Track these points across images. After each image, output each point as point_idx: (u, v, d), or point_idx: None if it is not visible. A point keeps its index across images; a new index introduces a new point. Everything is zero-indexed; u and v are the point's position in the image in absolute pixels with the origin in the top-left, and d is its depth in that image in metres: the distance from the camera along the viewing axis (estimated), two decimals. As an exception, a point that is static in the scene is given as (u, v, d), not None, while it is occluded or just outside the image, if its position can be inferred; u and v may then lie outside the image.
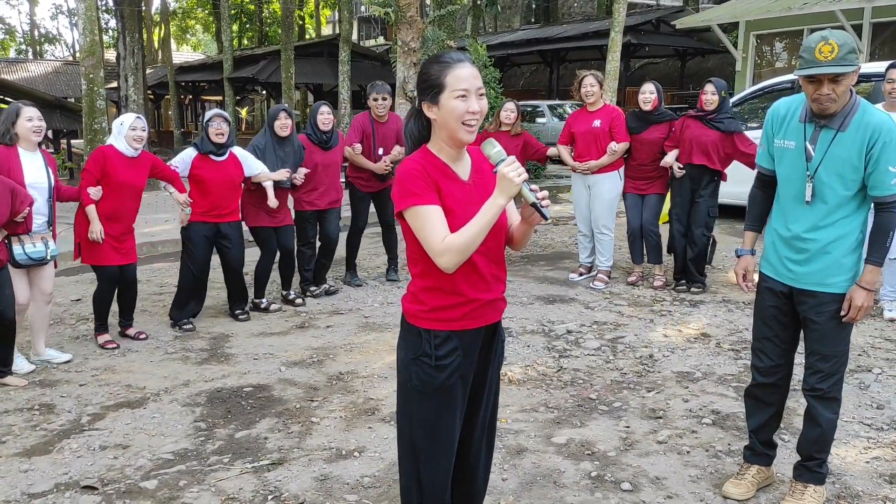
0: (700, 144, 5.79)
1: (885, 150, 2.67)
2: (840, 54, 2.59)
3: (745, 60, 16.23)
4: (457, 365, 2.20)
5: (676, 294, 6.02)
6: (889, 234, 2.76)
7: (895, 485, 3.09)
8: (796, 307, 2.90)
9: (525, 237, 2.30)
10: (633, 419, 3.80)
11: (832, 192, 2.76)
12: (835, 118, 2.74)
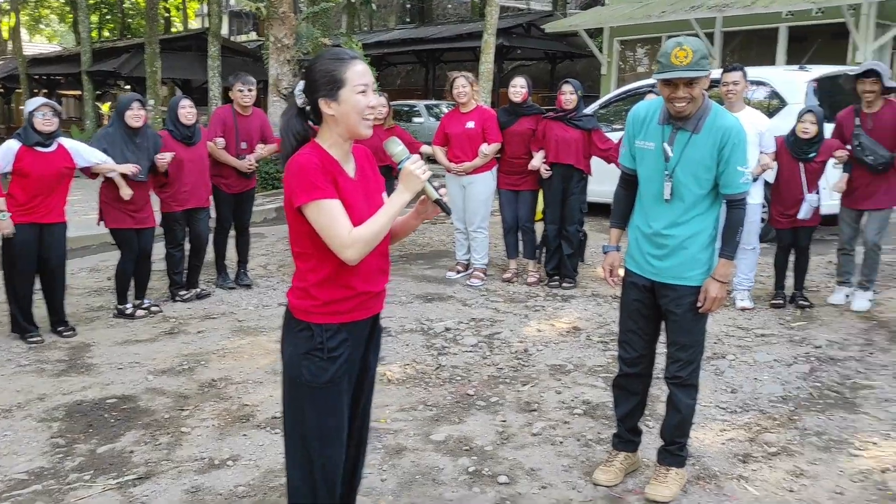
0: (564, 144, 5.99)
1: (735, 151, 2.86)
2: (694, 59, 2.75)
3: (609, 65, 16.99)
4: (347, 356, 2.25)
5: (549, 290, 6.20)
6: (739, 229, 2.96)
7: (748, 463, 3.31)
8: (658, 300, 3.05)
9: (408, 232, 2.42)
10: (509, 413, 3.88)
11: (688, 190, 2.92)
12: (689, 121, 2.90)
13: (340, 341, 2.23)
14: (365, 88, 2.12)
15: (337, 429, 2.28)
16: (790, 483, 3.13)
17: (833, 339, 4.84)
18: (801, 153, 5.39)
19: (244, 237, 6.41)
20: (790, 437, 3.54)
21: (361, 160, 2.31)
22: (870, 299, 5.43)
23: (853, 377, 4.24)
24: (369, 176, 2.30)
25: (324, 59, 2.17)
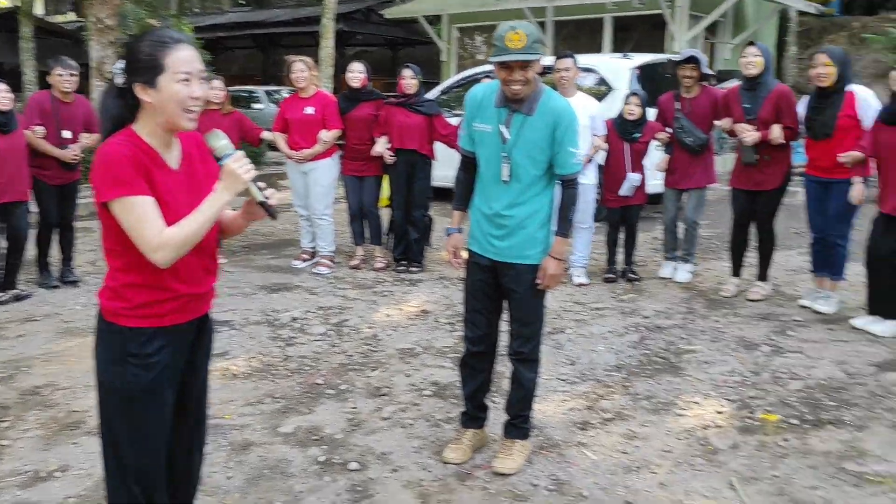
0: (407, 130, 6.03)
1: (567, 133, 2.98)
2: (528, 43, 2.83)
3: (449, 51, 17.24)
4: (166, 363, 2.09)
5: (397, 275, 6.23)
6: (572, 208, 3.09)
7: (587, 430, 3.49)
8: (499, 279, 3.14)
9: (238, 230, 2.28)
10: (359, 399, 3.86)
11: (525, 171, 3.02)
12: (524, 103, 2.99)
13: (158, 347, 2.06)
14: (188, 77, 1.96)
15: (153, 437, 2.13)
16: (624, 446, 3.33)
17: (659, 310, 5.20)
18: (627, 134, 5.73)
19: (69, 232, 5.95)
20: (623, 402, 3.77)
21: (189, 147, 2.14)
22: (690, 271, 5.86)
23: (677, 343, 4.57)
24: (197, 166, 2.13)
25: (145, 41, 1.99)
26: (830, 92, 4.82)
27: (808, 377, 4.00)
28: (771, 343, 4.51)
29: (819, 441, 3.32)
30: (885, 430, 3.39)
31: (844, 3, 18.87)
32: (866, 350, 4.35)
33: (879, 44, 14.50)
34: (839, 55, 4.85)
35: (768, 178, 5.20)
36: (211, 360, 2.35)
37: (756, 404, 3.70)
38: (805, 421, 3.51)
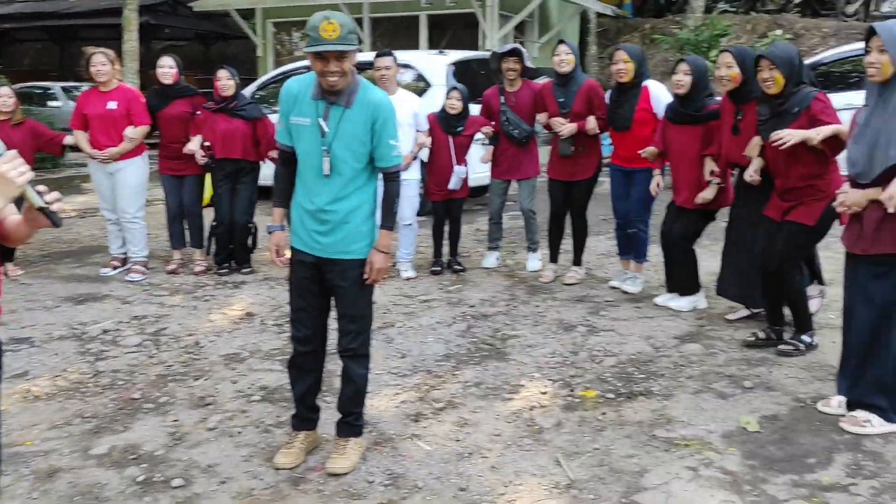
0: (230, 137, 5.79)
1: (386, 126, 2.96)
2: (342, 34, 2.78)
3: (265, 46, 16.77)
4: None
5: (219, 278, 5.95)
6: (395, 200, 3.08)
7: (420, 421, 3.52)
8: (325, 276, 3.08)
9: (26, 237, 2.09)
10: (181, 411, 3.65)
11: (346, 165, 2.97)
12: (342, 96, 2.94)
13: None
14: None
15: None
16: (456, 433, 3.39)
17: (484, 298, 5.35)
18: (451, 128, 5.84)
19: None
20: (454, 391, 3.84)
21: None
22: (539, 259, 6.05)
23: (502, 329, 4.73)
24: None
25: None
26: (629, 87, 5.17)
27: (621, 353, 4.28)
28: (587, 323, 4.78)
29: (632, 412, 3.55)
30: (688, 396, 3.69)
31: (636, 7, 20.37)
32: (669, 325, 4.72)
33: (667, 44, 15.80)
34: (636, 53, 5.21)
35: (582, 168, 5.50)
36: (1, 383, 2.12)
37: (576, 382, 3.90)
38: (619, 394, 3.75)
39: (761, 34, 15.77)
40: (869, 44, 3.13)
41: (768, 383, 3.80)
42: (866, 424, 3.28)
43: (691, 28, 15.73)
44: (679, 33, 15.79)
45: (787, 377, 3.85)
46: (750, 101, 4.29)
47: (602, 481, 2.96)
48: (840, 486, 2.86)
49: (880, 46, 3.07)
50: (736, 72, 4.31)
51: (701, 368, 4.02)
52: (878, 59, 3.08)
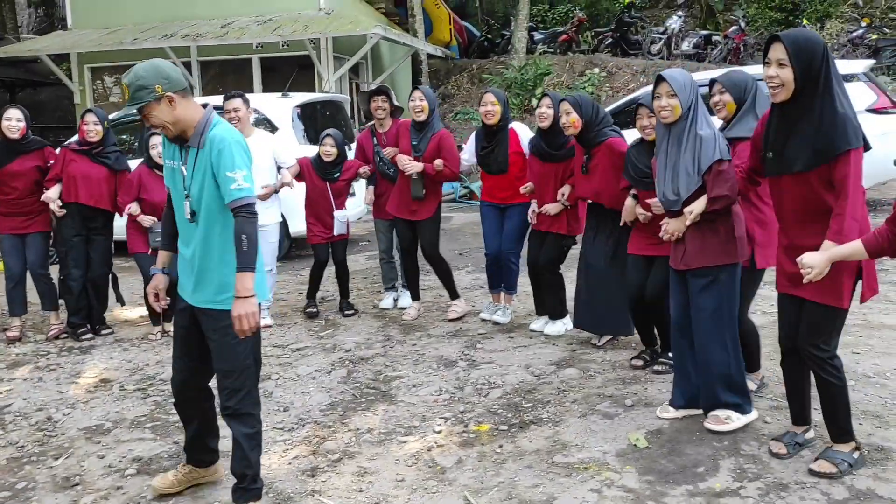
0: (93, 182, 5.40)
1: (221, 157, 2.81)
2: (131, 92, 2.81)
3: (83, 93, 15.76)
4: None
5: (63, 344, 5.45)
6: (242, 237, 2.77)
7: (317, 476, 3.37)
8: (200, 326, 2.98)
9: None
10: (44, 496, 3.28)
11: (204, 207, 2.88)
12: (193, 137, 2.89)
13: None
14: None
15: None
16: (358, 484, 3.28)
17: (358, 341, 5.26)
18: (328, 175, 5.75)
19: None
20: (347, 440, 3.72)
21: None
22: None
23: (383, 371, 4.66)
24: None
25: None
26: (496, 129, 5.30)
27: (504, 384, 4.34)
28: (466, 357, 4.82)
29: (528, 441, 3.61)
30: (577, 420, 3.80)
31: (462, 48, 21.19)
32: (544, 352, 4.86)
33: (496, 83, 16.55)
34: (501, 96, 5.35)
35: (426, 208, 5.55)
36: None
37: (468, 417, 3.91)
38: (511, 425, 3.79)
39: (580, 72, 16.94)
40: (657, 90, 3.45)
41: (646, 399, 4.00)
42: (728, 421, 3.55)
43: (517, 68, 16.62)
44: (506, 72, 16.64)
45: (662, 392, 4.07)
46: (598, 145, 4.55)
47: (514, 514, 2.97)
48: (731, 491, 3.04)
49: (670, 92, 3.39)
50: (575, 117, 4.56)
51: (582, 392, 4.17)
52: (669, 102, 3.41)
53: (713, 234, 3.46)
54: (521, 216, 5.31)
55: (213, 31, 14.00)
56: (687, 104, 3.40)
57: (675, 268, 3.62)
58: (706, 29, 18.90)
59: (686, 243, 3.53)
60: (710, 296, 3.50)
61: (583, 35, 19.52)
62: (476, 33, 21.80)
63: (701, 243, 3.48)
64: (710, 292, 3.50)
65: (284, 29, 13.66)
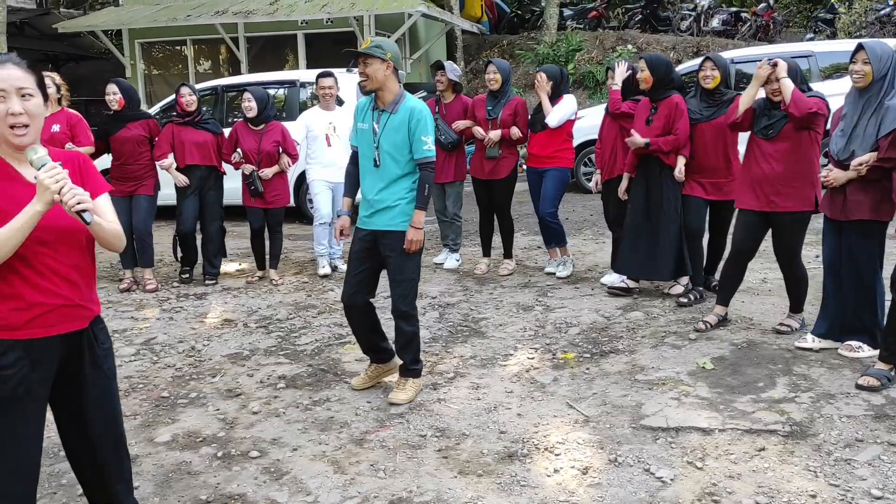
0: (200, 146, 6.12)
1: (419, 125, 3.69)
2: (370, 46, 3.62)
3: (134, 66, 16.42)
4: (22, 376, 2.11)
5: (178, 290, 6.17)
6: (425, 185, 3.75)
7: (438, 390, 4.05)
8: (378, 247, 3.81)
9: (101, 239, 2.22)
10: (217, 402, 3.98)
11: (389, 157, 3.73)
12: (389, 104, 3.70)
13: (13, 360, 2.09)
14: (3, 94, 2.05)
15: (13, 451, 2.15)
16: (475, 395, 3.96)
17: (441, 290, 5.94)
18: None
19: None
20: (455, 364, 4.40)
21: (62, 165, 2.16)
22: (457, 259, 6.70)
23: (470, 314, 5.34)
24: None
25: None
26: (549, 98, 5.98)
27: (580, 324, 5.01)
28: (540, 304, 5.49)
29: (610, 365, 4.28)
30: (649, 350, 4.47)
31: (492, 25, 21.66)
32: (610, 299, 5.52)
33: (528, 58, 17.06)
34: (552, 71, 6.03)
35: (500, 169, 6.22)
36: (109, 377, 2.34)
37: (553, 348, 4.58)
38: (593, 354, 4.47)
39: (610, 48, 17.39)
40: (855, 56, 3.99)
41: (707, 335, 4.65)
42: (859, 350, 4.16)
43: (549, 44, 17.10)
44: (538, 48, 17.11)
45: (719, 330, 4.72)
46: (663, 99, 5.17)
47: (610, 415, 3.65)
48: (788, 399, 3.71)
49: (865, 60, 3.95)
50: (647, 74, 5.18)
51: (650, 329, 4.83)
52: (863, 69, 3.96)
53: (874, 191, 3.94)
54: (555, 179, 6.03)
55: (263, 8, 14.58)
56: (880, 73, 3.93)
57: (834, 217, 4.16)
58: (732, 6, 19.28)
59: (847, 196, 4.03)
60: (863, 245, 4.04)
61: (612, 11, 19.94)
62: (506, 9, 22.22)
63: (862, 198, 3.97)
64: (864, 242, 4.04)
65: (331, 6, 14.23)
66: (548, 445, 3.36)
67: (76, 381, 2.26)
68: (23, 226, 2.02)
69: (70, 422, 2.32)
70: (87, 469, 2.38)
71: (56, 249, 2.13)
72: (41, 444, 2.26)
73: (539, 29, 19.40)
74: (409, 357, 3.93)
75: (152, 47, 16.92)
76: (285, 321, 5.34)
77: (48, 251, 2.12)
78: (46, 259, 2.11)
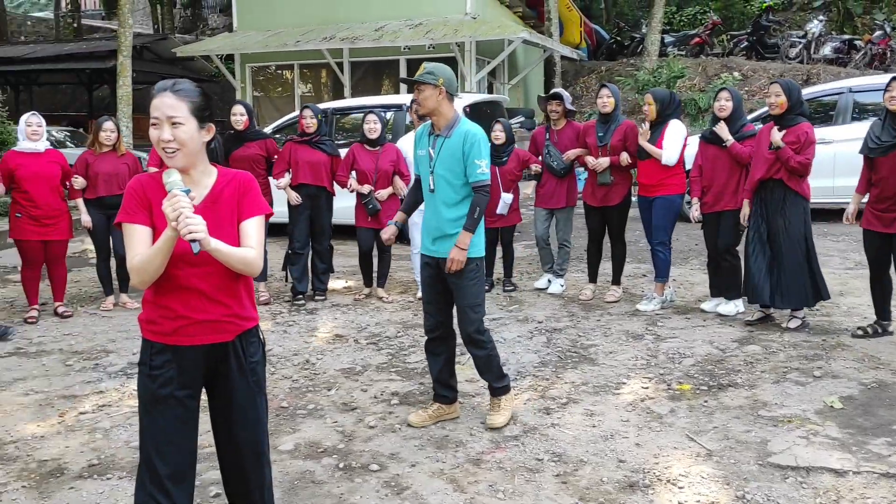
0: (315, 166, 6.33)
1: (473, 149, 3.69)
2: (422, 73, 3.67)
3: (244, 90, 17.16)
4: (169, 377, 2.30)
5: (291, 305, 6.37)
6: (476, 207, 3.73)
7: (551, 414, 4.02)
8: (442, 274, 3.80)
9: (226, 264, 2.27)
10: (335, 414, 4.08)
11: (443, 182, 3.75)
12: (444, 129, 3.72)
13: (163, 362, 2.30)
14: (156, 122, 2.21)
15: (162, 446, 2.31)
16: (589, 421, 3.92)
17: (547, 315, 5.92)
18: (496, 158, 6.45)
19: None
20: (567, 389, 4.37)
21: (223, 185, 2.33)
22: (562, 284, 6.66)
23: (578, 340, 5.29)
24: (224, 203, 2.32)
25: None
26: (655, 123, 5.89)
27: (694, 355, 4.88)
28: (651, 332, 5.38)
29: (729, 399, 4.15)
30: (771, 385, 4.31)
31: (590, 51, 21.60)
32: (723, 330, 5.37)
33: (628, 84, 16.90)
34: (661, 95, 5.94)
35: (614, 195, 6.16)
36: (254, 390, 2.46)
37: (667, 379, 4.48)
38: (710, 386, 4.34)
39: (714, 75, 17.05)
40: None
41: (832, 373, 4.46)
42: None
43: (649, 70, 16.88)
44: (638, 75, 16.92)
45: (846, 367, 4.52)
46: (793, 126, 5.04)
47: (734, 450, 3.53)
48: (928, 444, 3.51)
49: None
50: (783, 100, 5.06)
51: (769, 364, 4.66)
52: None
53: None
54: (662, 208, 5.90)
55: (369, 35, 15.00)
56: None
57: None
58: (843, 33, 18.59)
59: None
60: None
61: (716, 38, 19.55)
62: (605, 35, 22.14)
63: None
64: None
65: (435, 32, 14.52)
66: (670, 477, 3.29)
67: (226, 388, 2.41)
68: (161, 248, 2.17)
69: (219, 426, 2.47)
70: (232, 472, 2.52)
71: (201, 270, 2.28)
72: (192, 447, 2.39)
73: (639, 55, 19.23)
74: (492, 377, 3.90)
75: (260, 71, 17.62)
76: (394, 339, 5.43)
77: (194, 271, 2.27)
78: (192, 279, 2.27)
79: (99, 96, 25.66)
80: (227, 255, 2.22)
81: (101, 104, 24.76)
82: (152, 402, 2.31)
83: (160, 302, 2.28)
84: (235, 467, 2.50)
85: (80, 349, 5.27)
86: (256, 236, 2.33)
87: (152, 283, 2.25)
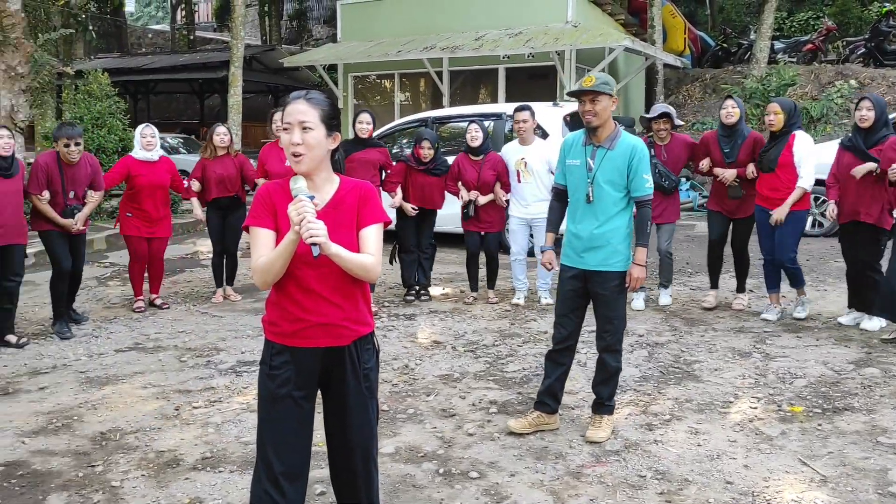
0: (424, 189, 6.66)
1: (641, 163, 3.64)
2: (597, 83, 3.58)
3: (346, 98, 17.60)
4: (287, 377, 2.38)
5: (389, 310, 6.48)
6: (647, 222, 3.73)
7: (654, 431, 3.93)
8: (587, 285, 3.75)
9: (345, 269, 2.31)
10: (434, 420, 4.11)
11: (603, 192, 3.68)
12: (606, 140, 3.63)
13: (282, 362, 2.39)
14: (287, 126, 2.31)
15: (278, 444, 2.39)
16: (694, 440, 3.80)
17: (648, 329, 5.79)
18: None
19: (78, 278, 6.08)
20: (670, 406, 4.26)
21: (344, 193, 2.40)
22: (669, 295, 6.53)
23: (681, 355, 5.15)
24: (346, 210, 2.38)
25: None
26: (779, 134, 5.68)
27: (806, 376, 4.67)
28: (759, 350, 5.19)
29: (845, 423, 3.95)
30: (891, 411, 4.08)
31: (695, 58, 21.02)
32: (837, 351, 5.11)
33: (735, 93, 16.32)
34: (788, 105, 5.72)
35: (744, 208, 6.06)
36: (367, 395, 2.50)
37: (778, 399, 4.30)
38: (825, 409, 4.14)
39: (827, 83, 16.27)
40: None
41: (960, 401, 4.18)
42: None
43: (757, 78, 16.28)
44: (746, 82, 16.35)
45: (976, 395, 4.23)
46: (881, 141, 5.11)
47: (851, 477, 3.36)
48: None
49: None
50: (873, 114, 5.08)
51: (889, 388, 4.41)
52: None
53: None
54: (789, 224, 5.65)
55: (469, 44, 15.10)
56: None
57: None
58: (977, 37, 17.39)
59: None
60: None
61: (831, 44, 18.68)
62: (710, 42, 21.51)
63: None
64: None
65: (535, 41, 14.46)
66: (781, 502, 3.15)
67: (340, 392, 2.47)
68: (283, 250, 2.26)
69: (332, 428, 2.53)
70: (342, 473, 2.58)
71: (320, 272, 2.34)
72: (307, 447, 2.47)
73: (746, 62, 18.58)
74: (607, 392, 3.87)
75: (362, 80, 18.03)
76: (491, 347, 5.43)
77: (313, 273, 2.34)
78: (311, 281, 2.34)
79: (210, 105, 26.93)
80: (347, 260, 2.29)
81: (212, 112, 25.98)
82: (271, 401, 2.40)
83: (281, 303, 2.38)
84: (345, 469, 2.56)
85: (193, 346, 5.53)
86: (375, 243, 2.39)
87: (273, 285, 2.35)
